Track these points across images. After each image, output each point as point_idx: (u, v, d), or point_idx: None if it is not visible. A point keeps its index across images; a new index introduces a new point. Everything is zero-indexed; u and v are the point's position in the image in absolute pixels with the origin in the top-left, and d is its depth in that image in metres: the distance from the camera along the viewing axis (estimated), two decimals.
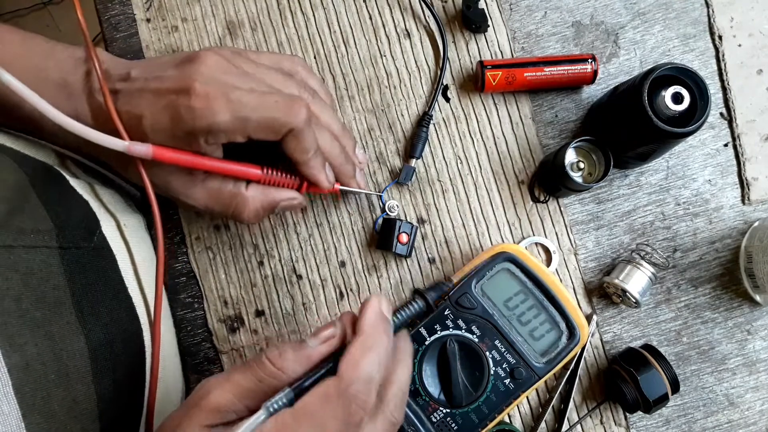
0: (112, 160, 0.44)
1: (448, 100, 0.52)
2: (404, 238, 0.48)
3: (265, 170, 0.43)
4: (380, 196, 0.51)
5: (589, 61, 0.49)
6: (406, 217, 0.51)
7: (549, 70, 0.49)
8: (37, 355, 0.34)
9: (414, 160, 0.50)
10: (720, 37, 0.51)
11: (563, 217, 0.51)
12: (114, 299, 0.43)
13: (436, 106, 0.52)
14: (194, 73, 0.38)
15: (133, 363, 0.43)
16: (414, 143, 0.50)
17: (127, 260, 0.46)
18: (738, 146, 0.51)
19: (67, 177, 0.45)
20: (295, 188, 0.45)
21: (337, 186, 0.46)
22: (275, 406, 0.32)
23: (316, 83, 0.47)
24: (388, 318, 0.35)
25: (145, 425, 0.43)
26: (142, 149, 0.38)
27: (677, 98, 0.42)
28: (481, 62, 0.50)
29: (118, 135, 0.39)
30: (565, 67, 0.49)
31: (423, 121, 0.51)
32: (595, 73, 0.49)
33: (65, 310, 0.37)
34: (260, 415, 0.31)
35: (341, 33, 0.52)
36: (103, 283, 0.42)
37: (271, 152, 0.42)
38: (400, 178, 0.50)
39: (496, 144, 0.51)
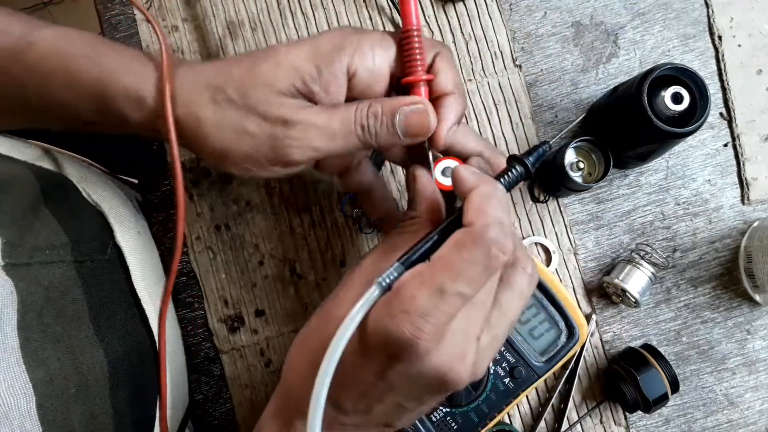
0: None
1: None
2: None
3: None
4: None
5: None
6: None
7: None
8: (60, 369, 0.34)
9: None
10: (720, 37, 0.51)
11: (563, 217, 0.51)
12: (128, 311, 0.43)
13: None
14: None
15: (148, 374, 0.43)
16: None
17: (142, 268, 0.46)
18: (738, 146, 0.51)
19: (81, 189, 0.45)
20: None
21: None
22: (387, 279, 0.31)
23: None
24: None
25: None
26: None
27: (677, 98, 0.42)
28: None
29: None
30: None
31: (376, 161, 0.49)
32: None
33: (83, 323, 0.37)
34: (373, 290, 0.30)
35: None
36: (117, 295, 0.42)
37: None
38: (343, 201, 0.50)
39: (496, 144, 0.51)
